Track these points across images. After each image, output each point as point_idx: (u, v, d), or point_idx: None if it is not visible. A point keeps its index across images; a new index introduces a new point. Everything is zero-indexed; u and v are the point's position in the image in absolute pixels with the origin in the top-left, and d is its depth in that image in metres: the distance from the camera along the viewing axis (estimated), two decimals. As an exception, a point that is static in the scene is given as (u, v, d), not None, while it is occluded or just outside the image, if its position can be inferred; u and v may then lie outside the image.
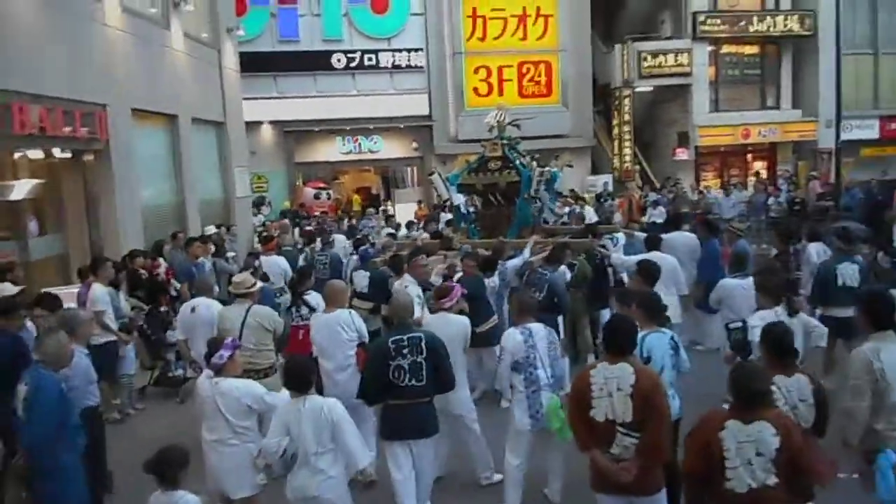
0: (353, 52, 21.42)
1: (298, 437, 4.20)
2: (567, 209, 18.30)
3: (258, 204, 21.43)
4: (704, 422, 3.64)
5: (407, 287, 7.04)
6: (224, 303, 9.69)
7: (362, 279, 8.45)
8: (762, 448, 3.44)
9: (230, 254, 13.48)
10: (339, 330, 5.74)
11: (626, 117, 22.04)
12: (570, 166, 9.96)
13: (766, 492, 3.44)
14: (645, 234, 9.40)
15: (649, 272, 6.44)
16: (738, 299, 6.58)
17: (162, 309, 9.32)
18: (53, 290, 9.28)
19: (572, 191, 19.65)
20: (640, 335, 4.65)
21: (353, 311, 6.07)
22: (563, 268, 8.14)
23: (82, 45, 10.00)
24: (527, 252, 8.34)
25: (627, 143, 22.17)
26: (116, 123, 10.68)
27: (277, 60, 21.04)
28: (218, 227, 13.78)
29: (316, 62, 21.31)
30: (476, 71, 22.20)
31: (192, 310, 7.06)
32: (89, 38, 10.21)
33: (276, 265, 10.09)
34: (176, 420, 7.71)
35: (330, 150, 22.54)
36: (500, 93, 22.06)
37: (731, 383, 3.59)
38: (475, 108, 21.66)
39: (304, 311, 7.22)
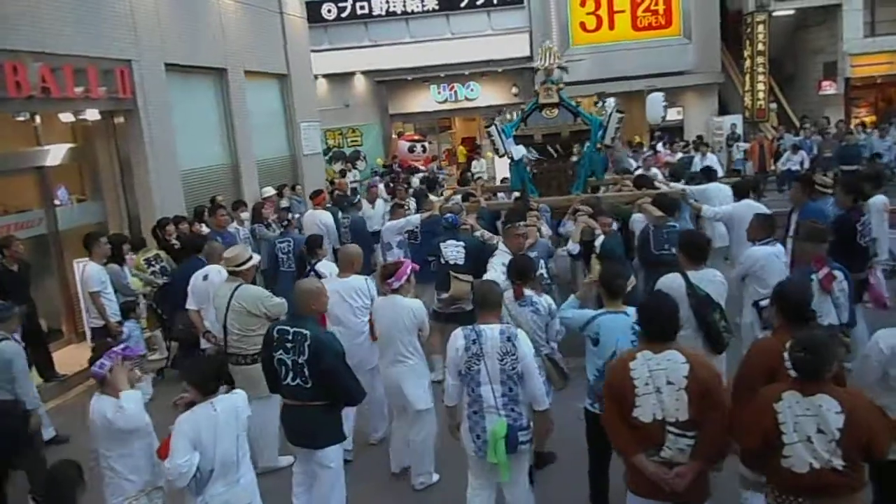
0: (448, -11, 20.09)
1: (216, 445, 3.62)
2: (678, 155, 16.13)
3: (353, 159, 20.75)
4: (761, 394, 3.29)
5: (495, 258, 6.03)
6: (265, 274, 9.01)
7: (455, 250, 7.04)
8: (823, 425, 3.08)
9: (295, 215, 12.73)
10: (352, 297, 5.48)
11: (760, 47, 18.98)
12: (621, 112, 8.31)
13: (831, 475, 3.08)
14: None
15: (693, 248, 4.94)
16: (770, 271, 5.51)
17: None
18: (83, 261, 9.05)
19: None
20: (592, 314, 4.30)
21: (368, 278, 5.77)
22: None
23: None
24: None
25: (761, 78, 19.17)
26: (146, 81, 9.96)
27: (367, 4, 20.17)
28: (279, 188, 12.98)
29: (408, 3, 20.23)
30: (583, 3, 20.10)
31: (205, 277, 6.63)
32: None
33: (318, 219, 9.91)
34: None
35: (425, 100, 21.52)
36: (611, 26, 19.87)
37: (791, 351, 3.17)
38: (582, 46, 19.89)
39: None
